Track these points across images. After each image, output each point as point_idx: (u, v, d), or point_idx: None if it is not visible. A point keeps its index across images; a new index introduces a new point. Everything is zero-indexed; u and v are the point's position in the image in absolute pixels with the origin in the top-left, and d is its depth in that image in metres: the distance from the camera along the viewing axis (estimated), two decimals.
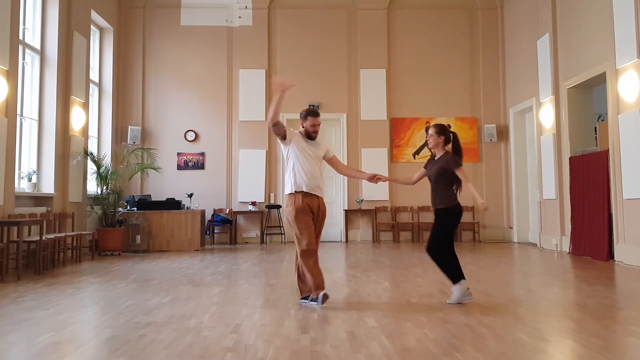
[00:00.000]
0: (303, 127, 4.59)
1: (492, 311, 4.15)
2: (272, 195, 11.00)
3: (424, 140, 11.10)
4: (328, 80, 11.21)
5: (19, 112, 7.53)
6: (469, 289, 4.43)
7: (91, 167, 9.20)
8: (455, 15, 11.46)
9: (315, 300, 4.38)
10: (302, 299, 4.52)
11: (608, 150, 7.47)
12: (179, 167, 10.98)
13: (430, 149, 4.66)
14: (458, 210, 4.50)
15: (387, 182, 4.88)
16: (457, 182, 4.47)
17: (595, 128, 8.55)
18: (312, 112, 4.61)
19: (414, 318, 3.95)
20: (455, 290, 4.40)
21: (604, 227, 7.47)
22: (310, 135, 4.57)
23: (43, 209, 7.76)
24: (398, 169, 10.92)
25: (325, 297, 4.37)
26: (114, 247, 8.80)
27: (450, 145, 4.59)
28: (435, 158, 4.59)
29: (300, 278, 4.52)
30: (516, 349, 3.15)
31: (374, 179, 4.61)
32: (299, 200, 4.41)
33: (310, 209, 4.45)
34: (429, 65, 11.33)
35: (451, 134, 4.59)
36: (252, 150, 11.01)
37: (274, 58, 11.25)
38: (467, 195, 4.56)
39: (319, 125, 4.61)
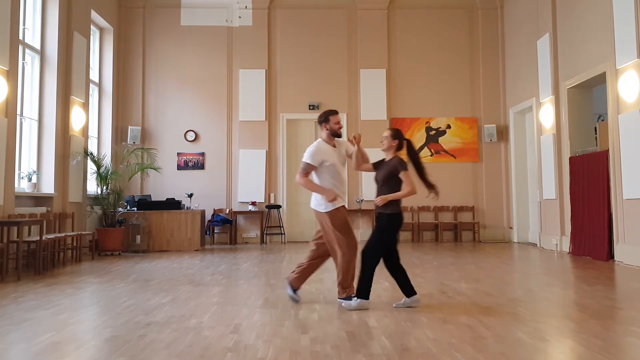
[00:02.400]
0: (327, 129, 4.52)
1: (492, 311, 4.15)
2: (272, 195, 11.00)
3: (424, 141, 11.14)
4: (328, 80, 11.20)
5: (19, 112, 7.53)
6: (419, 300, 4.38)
7: (91, 167, 9.20)
8: (455, 15, 11.46)
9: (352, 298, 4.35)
10: (346, 298, 4.40)
11: (608, 150, 7.47)
12: (179, 167, 10.98)
13: (383, 151, 4.47)
14: (401, 218, 4.36)
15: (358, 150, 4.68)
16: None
17: (595, 128, 8.56)
18: (331, 112, 4.58)
19: (414, 318, 3.95)
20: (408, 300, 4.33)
21: (604, 227, 7.47)
22: (337, 133, 4.55)
23: (43, 209, 7.76)
24: None
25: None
26: (114, 247, 8.80)
27: (404, 151, 4.43)
28: (385, 160, 4.46)
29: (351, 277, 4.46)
30: (516, 349, 3.15)
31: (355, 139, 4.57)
32: (344, 212, 4.44)
33: None
34: (429, 65, 11.33)
35: (405, 141, 4.41)
36: (252, 150, 11.01)
37: (274, 58, 11.25)
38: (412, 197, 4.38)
39: (340, 120, 4.62)
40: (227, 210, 10.86)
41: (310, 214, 11.14)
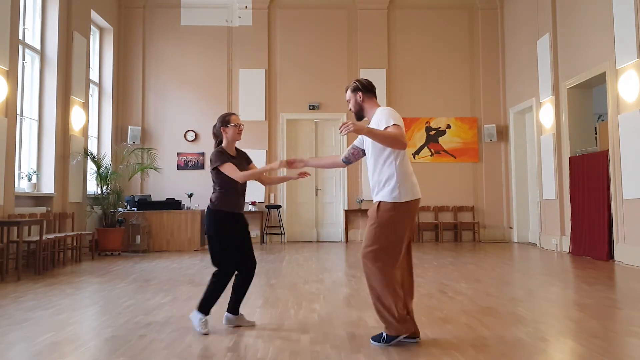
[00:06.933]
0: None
1: (492, 311, 4.15)
2: (272, 195, 11.00)
3: (424, 141, 11.13)
4: (328, 80, 11.19)
5: (19, 112, 7.53)
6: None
7: (91, 167, 9.20)
8: (455, 15, 11.46)
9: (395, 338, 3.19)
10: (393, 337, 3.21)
11: (608, 150, 7.46)
12: (179, 167, 10.98)
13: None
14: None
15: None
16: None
17: (595, 128, 8.55)
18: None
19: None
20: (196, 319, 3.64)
21: (604, 227, 7.46)
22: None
23: (43, 209, 7.76)
24: None
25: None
26: (114, 247, 8.80)
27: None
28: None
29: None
30: (516, 349, 3.15)
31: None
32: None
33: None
34: (429, 65, 11.32)
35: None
36: (252, 150, 10.96)
37: (274, 58, 11.24)
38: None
39: (347, 101, 3.57)
40: None
41: (310, 213, 11.29)
